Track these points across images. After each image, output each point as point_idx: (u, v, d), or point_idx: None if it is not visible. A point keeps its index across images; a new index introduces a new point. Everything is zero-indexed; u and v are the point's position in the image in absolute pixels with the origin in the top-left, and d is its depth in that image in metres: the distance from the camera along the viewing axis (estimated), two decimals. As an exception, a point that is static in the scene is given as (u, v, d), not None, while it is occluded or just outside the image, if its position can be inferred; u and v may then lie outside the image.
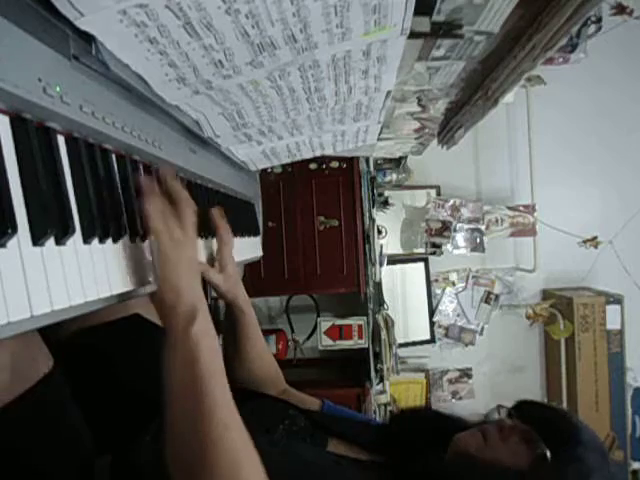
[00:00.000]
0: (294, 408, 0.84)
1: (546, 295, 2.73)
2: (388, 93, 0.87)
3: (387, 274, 2.42)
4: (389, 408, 2.23)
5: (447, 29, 0.86)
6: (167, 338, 0.59)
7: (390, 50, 0.69)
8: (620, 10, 2.51)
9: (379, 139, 1.32)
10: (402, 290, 2.67)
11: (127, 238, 0.59)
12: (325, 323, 2.15)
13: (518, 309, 2.72)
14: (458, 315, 2.71)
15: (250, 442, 0.57)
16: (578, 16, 0.80)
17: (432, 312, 2.70)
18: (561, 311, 2.59)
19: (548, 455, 0.68)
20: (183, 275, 0.59)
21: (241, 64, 0.60)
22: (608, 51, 2.53)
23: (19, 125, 0.43)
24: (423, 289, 2.69)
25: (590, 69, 2.54)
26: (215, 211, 0.86)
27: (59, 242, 0.46)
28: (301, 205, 2.06)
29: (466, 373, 2.74)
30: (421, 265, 2.68)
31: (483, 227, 2.59)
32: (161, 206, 0.61)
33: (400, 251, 2.64)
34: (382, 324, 2.10)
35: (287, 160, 1.16)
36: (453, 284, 2.71)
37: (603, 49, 2.45)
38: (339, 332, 2.13)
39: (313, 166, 2.04)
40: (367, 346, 2.09)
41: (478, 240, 2.59)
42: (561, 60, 2.32)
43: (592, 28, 2.23)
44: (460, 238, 2.59)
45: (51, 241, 0.45)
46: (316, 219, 2.05)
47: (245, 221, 1.21)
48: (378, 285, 2.22)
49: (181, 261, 0.59)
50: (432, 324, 2.69)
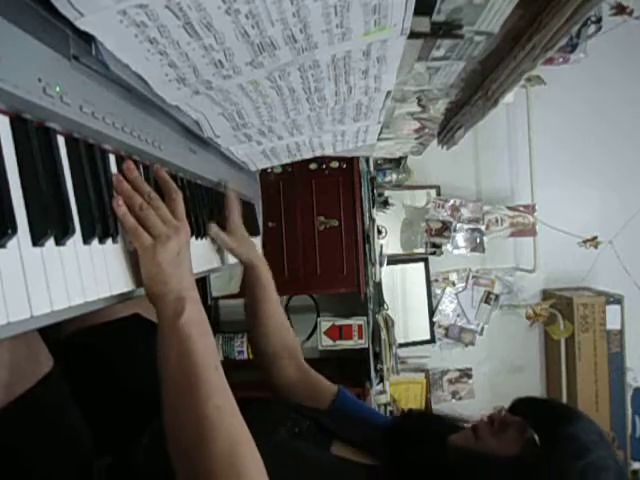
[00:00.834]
0: (296, 411, 0.84)
1: (546, 295, 2.73)
2: (388, 93, 0.87)
3: (387, 274, 2.42)
4: (389, 408, 2.23)
5: (447, 29, 0.86)
6: (158, 328, 0.59)
7: (390, 50, 0.69)
8: (620, 10, 2.50)
9: (379, 139, 1.32)
10: (402, 290, 2.66)
11: (127, 238, 0.59)
12: (325, 323, 2.15)
13: (518, 309, 2.72)
14: (458, 315, 2.71)
15: (245, 425, 0.58)
16: (578, 16, 0.80)
17: (432, 312, 2.70)
18: (561, 311, 2.59)
19: (537, 439, 0.68)
20: (166, 268, 0.59)
21: (241, 64, 0.60)
22: (608, 51, 2.52)
23: (19, 125, 0.43)
24: (423, 289, 2.69)
25: (590, 69, 2.54)
26: (227, 185, 0.99)
27: (59, 242, 0.46)
28: (301, 205, 2.06)
29: (466, 373, 2.74)
30: (421, 265, 2.68)
31: (483, 227, 2.59)
32: (139, 201, 0.59)
33: (400, 251, 2.64)
34: (382, 324, 2.10)
35: (287, 160, 1.16)
36: (453, 284, 2.71)
37: (603, 49, 2.45)
38: (339, 332, 2.13)
39: (313, 166, 2.03)
40: (367, 346, 2.09)
41: (478, 240, 2.59)
42: (561, 60, 2.31)
43: (592, 28, 2.22)
44: (460, 238, 2.59)
45: (51, 241, 0.45)
46: (316, 219, 2.05)
47: (245, 221, 1.21)
48: (378, 285, 2.22)
49: (163, 254, 0.58)
50: (432, 324, 2.69)
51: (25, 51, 0.43)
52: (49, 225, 0.44)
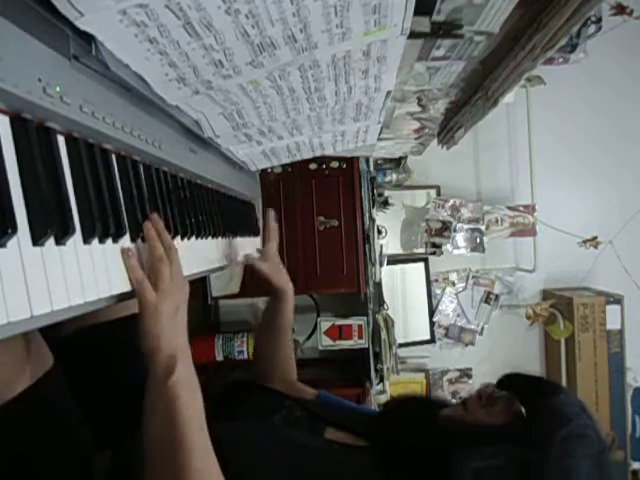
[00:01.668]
0: (290, 399, 0.88)
1: (546, 295, 2.73)
2: (388, 93, 0.87)
3: (387, 274, 2.42)
4: (389, 408, 2.22)
5: (447, 29, 0.86)
6: (149, 378, 0.60)
7: (390, 50, 0.69)
8: (620, 10, 2.51)
9: (379, 139, 1.32)
10: (402, 290, 2.66)
11: (127, 238, 0.59)
12: (325, 323, 2.15)
13: (518, 309, 2.72)
14: (458, 315, 2.71)
15: None
16: (578, 16, 0.80)
17: (432, 312, 2.70)
18: (561, 311, 2.59)
19: (523, 411, 0.72)
20: (164, 323, 0.59)
21: (241, 64, 0.60)
22: (608, 51, 2.52)
23: (19, 125, 0.43)
24: (423, 289, 2.69)
25: (590, 69, 2.54)
26: (269, 212, 1.10)
27: (59, 242, 0.46)
28: (301, 205, 2.06)
29: (466, 373, 2.74)
30: (421, 265, 2.68)
31: (483, 227, 2.59)
32: (160, 251, 0.61)
33: (400, 251, 2.64)
34: (382, 324, 2.10)
35: (287, 160, 1.16)
36: (453, 284, 2.71)
37: (603, 49, 2.45)
38: (339, 332, 2.13)
39: (313, 166, 2.03)
40: (367, 346, 2.09)
41: (478, 240, 2.59)
42: (561, 60, 2.31)
43: (592, 28, 2.22)
44: (460, 238, 2.59)
45: (51, 241, 0.45)
46: (316, 219, 2.05)
47: (245, 221, 1.21)
48: (378, 285, 2.22)
49: (163, 309, 0.59)
50: (432, 324, 2.69)
51: (25, 51, 0.43)
52: (49, 225, 0.44)
